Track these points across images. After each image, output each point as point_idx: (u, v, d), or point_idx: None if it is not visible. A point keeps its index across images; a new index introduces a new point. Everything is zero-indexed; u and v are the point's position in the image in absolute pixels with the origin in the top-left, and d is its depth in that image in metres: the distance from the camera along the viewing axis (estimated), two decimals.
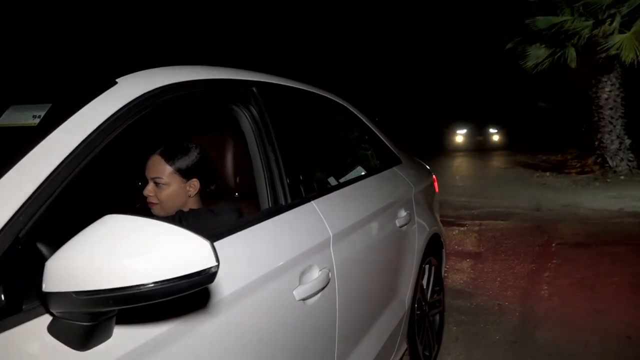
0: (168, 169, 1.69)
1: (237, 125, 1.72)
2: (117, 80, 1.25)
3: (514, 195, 8.78)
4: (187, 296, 1.09)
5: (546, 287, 4.09)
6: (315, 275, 1.55)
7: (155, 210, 1.71)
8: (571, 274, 4.39)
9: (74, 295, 0.82)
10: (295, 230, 1.56)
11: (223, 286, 1.19)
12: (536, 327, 3.33)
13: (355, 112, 2.58)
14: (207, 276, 0.87)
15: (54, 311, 0.86)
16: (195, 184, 1.74)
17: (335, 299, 1.65)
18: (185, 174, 1.72)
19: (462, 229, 6.34)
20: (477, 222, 6.71)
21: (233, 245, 1.30)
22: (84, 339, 0.88)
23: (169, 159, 1.71)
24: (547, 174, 11.22)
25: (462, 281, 4.33)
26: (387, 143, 2.76)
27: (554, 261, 4.80)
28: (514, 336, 3.21)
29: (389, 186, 2.41)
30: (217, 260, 0.88)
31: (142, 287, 0.83)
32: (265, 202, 1.64)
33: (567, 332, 3.20)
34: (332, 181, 2.13)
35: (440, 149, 19.01)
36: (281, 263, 1.41)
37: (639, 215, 6.65)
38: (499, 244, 5.54)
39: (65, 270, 0.83)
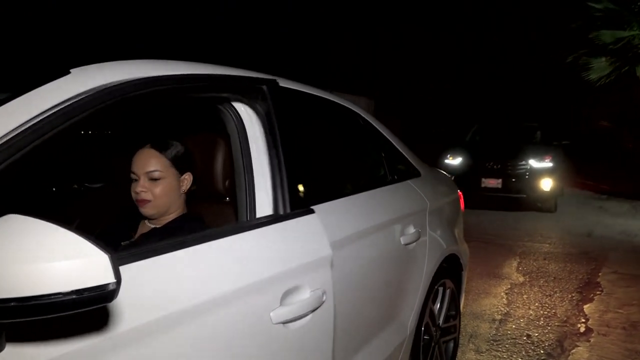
0: (164, 160, 1.63)
1: (223, 126, 1.63)
2: (70, 70, 1.18)
3: (566, 218, 8.27)
4: (107, 314, 0.99)
5: (584, 321, 3.75)
6: (305, 296, 1.40)
7: (147, 208, 1.63)
8: (615, 307, 4.03)
9: None
10: (285, 243, 1.42)
11: (162, 305, 1.07)
12: None
13: (370, 121, 2.43)
14: (102, 293, 0.78)
15: None
16: (188, 178, 1.69)
17: (330, 324, 1.50)
18: (180, 166, 1.67)
19: (502, 249, 6.00)
20: (519, 243, 6.34)
21: (194, 257, 1.18)
22: None
23: (164, 150, 1.65)
24: (605, 196, 10.55)
25: (492, 306, 4.05)
26: (405, 154, 2.59)
27: (598, 292, 4.43)
28: None
29: (398, 200, 2.24)
30: (117, 277, 0.79)
31: (18, 300, 0.74)
32: (248, 210, 1.53)
33: None
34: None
35: None
36: (254, 280, 1.27)
37: None
38: (541, 269, 5.19)
39: None
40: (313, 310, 1.42)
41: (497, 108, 16.51)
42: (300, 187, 1.60)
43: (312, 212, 1.56)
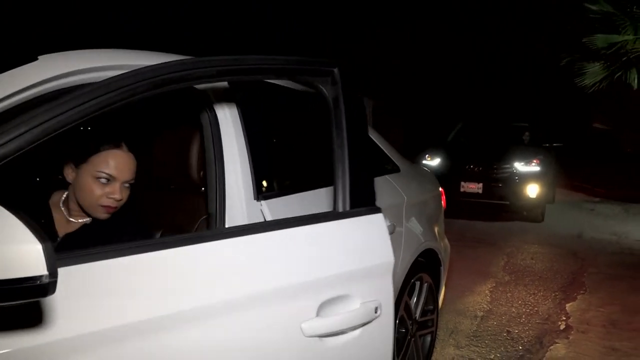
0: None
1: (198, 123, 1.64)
2: (38, 57, 1.21)
3: (556, 220, 8.29)
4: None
5: (565, 318, 3.80)
6: (352, 307, 1.25)
7: (109, 213, 1.52)
8: (597, 306, 4.07)
9: None
10: (336, 245, 1.29)
11: (162, 303, 1.02)
12: None
13: None
14: (33, 286, 0.72)
15: None
16: None
17: (388, 344, 1.35)
18: None
19: (490, 249, 6.03)
20: (509, 243, 6.38)
21: (205, 255, 1.09)
22: None
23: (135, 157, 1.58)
24: (597, 199, 10.59)
25: (475, 303, 4.09)
26: (385, 150, 2.63)
27: (582, 291, 4.47)
28: None
29: None
30: (51, 269, 0.72)
31: None
32: (218, 203, 1.53)
33: None
34: None
35: None
36: (281, 285, 1.16)
37: None
38: (527, 268, 5.23)
39: None
40: (363, 325, 1.27)
41: (487, 107, 16.44)
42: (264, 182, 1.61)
43: (378, 211, 1.37)
